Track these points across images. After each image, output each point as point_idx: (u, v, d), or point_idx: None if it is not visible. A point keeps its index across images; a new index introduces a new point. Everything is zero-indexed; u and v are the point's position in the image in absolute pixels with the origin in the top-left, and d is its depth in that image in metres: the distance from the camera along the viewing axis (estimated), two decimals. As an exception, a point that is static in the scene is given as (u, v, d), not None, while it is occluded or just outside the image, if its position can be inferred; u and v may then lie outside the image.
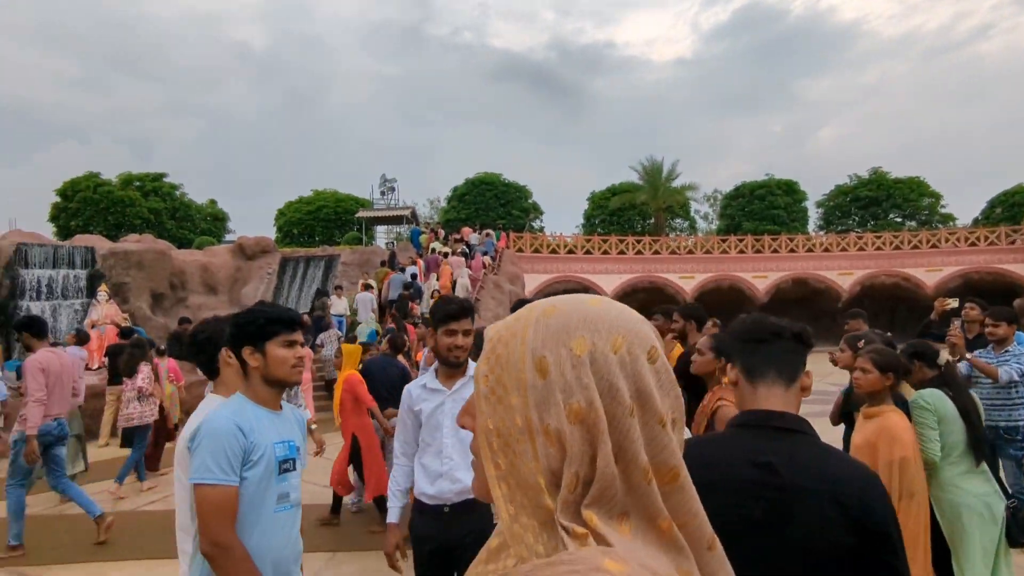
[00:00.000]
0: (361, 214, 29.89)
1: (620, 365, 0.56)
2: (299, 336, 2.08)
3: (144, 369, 7.06)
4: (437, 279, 15.83)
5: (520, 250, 26.54)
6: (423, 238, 21.39)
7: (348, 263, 20.45)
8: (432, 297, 13.65)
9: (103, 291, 14.32)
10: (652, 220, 37.47)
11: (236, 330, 2.04)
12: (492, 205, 37.59)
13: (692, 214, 41.89)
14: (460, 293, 15.97)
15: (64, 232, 31.93)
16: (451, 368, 2.63)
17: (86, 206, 34.24)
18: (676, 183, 35.75)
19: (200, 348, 2.49)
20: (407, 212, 29.29)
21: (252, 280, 20.12)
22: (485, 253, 19.73)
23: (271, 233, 38.10)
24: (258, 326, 2.01)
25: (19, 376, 7.39)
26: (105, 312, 13.62)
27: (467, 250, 19.21)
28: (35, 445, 4.83)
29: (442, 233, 22.84)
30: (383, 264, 18.10)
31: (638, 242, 29.28)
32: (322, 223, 38.08)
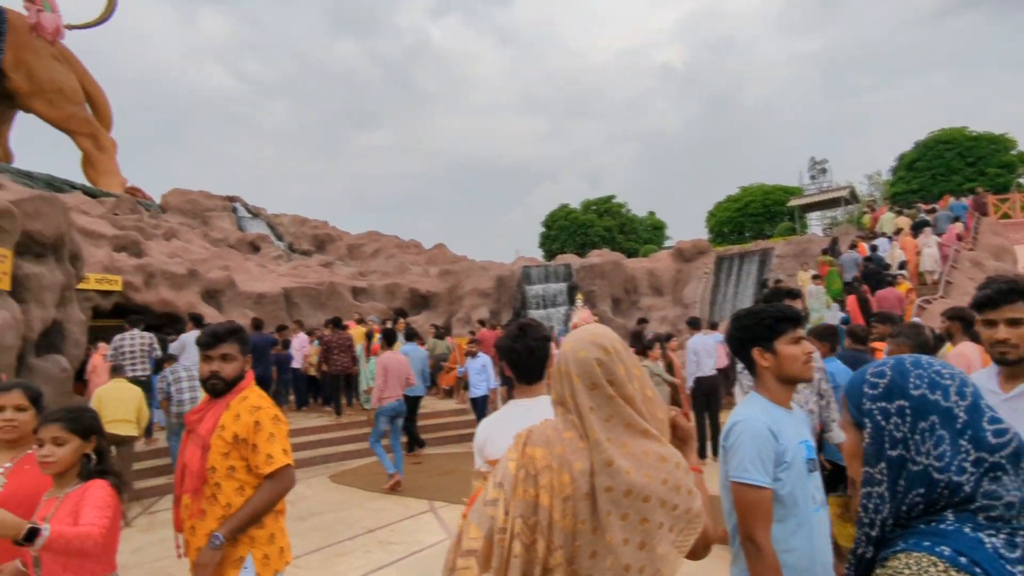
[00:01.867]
0: (792, 202, 27.99)
1: None
2: (802, 331, 1.95)
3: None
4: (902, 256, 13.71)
5: (1006, 216, 20.65)
6: (866, 219, 18.73)
7: (783, 255, 19.35)
8: (899, 277, 11.80)
9: (580, 299, 16.91)
10: None
11: (742, 332, 1.96)
12: (956, 167, 30.13)
13: None
14: (929, 268, 13.55)
15: (549, 254, 38.77)
16: (1008, 367, 2.01)
17: (561, 232, 40.96)
18: None
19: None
20: (844, 192, 26.16)
21: (691, 281, 20.84)
22: (956, 219, 16.11)
23: (703, 234, 38.87)
24: (765, 325, 1.92)
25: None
26: (582, 316, 16.03)
27: (927, 220, 16.08)
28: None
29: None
30: (824, 252, 16.53)
31: None
32: (750, 218, 37.04)
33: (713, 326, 9.19)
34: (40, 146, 23.96)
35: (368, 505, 6.34)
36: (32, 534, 1.73)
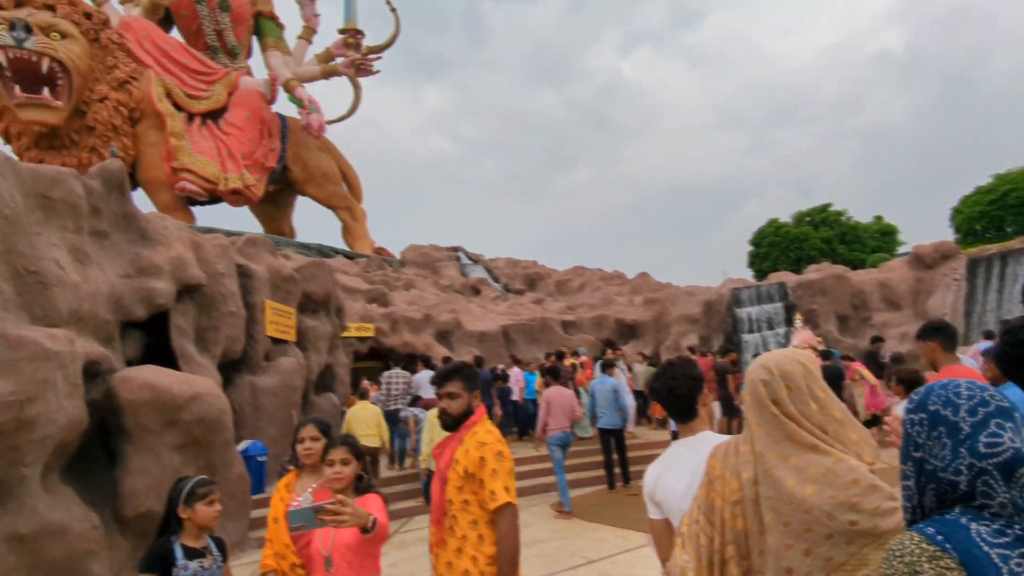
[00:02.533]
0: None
1: None
2: None
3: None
4: None
5: None
6: None
7: (1064, 251, 15.56)
8: None
9: (799, 319, 15.36)
10: None
11: (1019, 348, 1.69)
12: None
13: None
14: None
15: (759, 274, 35.96)
16: None
17: (772, 248, 37.79)
18: None
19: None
20: None
21: (936, 290, 17.73)
22: None
23: (948, 235, 32.86)
24: None
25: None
26: (803, 338, 14.51)
27: None
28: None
29: None
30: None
31: None
32: (1011, 210, 30.44)
33: (988, 335, 7.67)
34: (311, 221, 29.00)
35: (588, 535, 6.38)
36: (373, 523, 2.16)
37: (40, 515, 3.71)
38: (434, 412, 6.77)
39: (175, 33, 20.31)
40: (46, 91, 14.14)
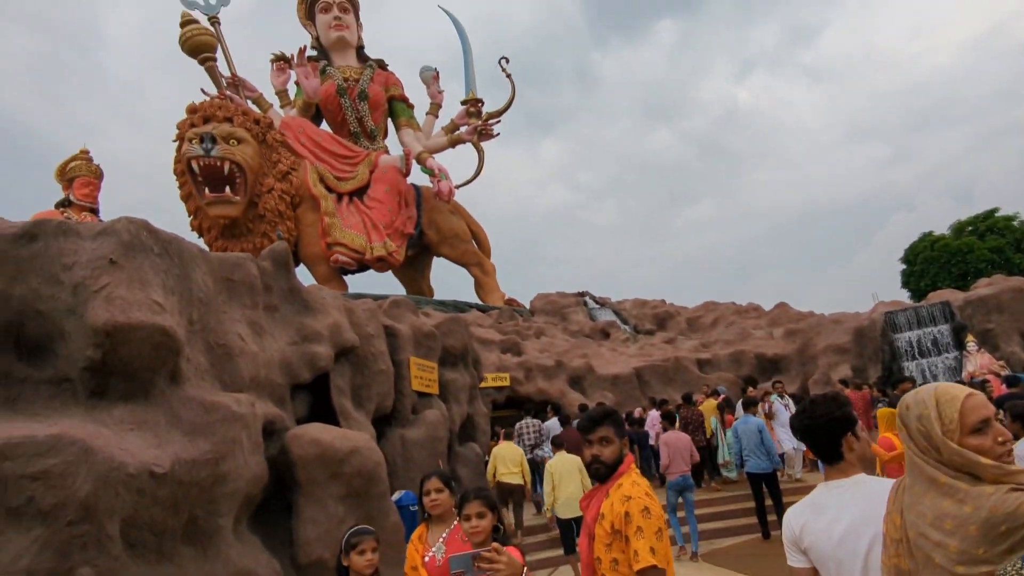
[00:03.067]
0: None
1: None
2: None
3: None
4: None
5: None
6: None
7: None
8: None
9: (971, 341, 13.38)
10: None
11: None
12: None
13: None
14: None
15: (916, 294, 32.03)
16: None
17: (928, 265, 33.59)
18: None
19: None
20: None
21: None
22: None
23: None
24: None
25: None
26: (980, 363, 12.60)
27: None
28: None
29: None
30: None
31: None
32: None
33: None
34: (446, 279, 30.56)
35: (745, 589, 5.86)
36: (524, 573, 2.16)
37: (233, 561, 4.13)
38: (554, 461, 6.73)
39: (324, 125, 22.90)
40: (227, 189, 16.47)
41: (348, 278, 20.58)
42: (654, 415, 11.50)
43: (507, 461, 7.99)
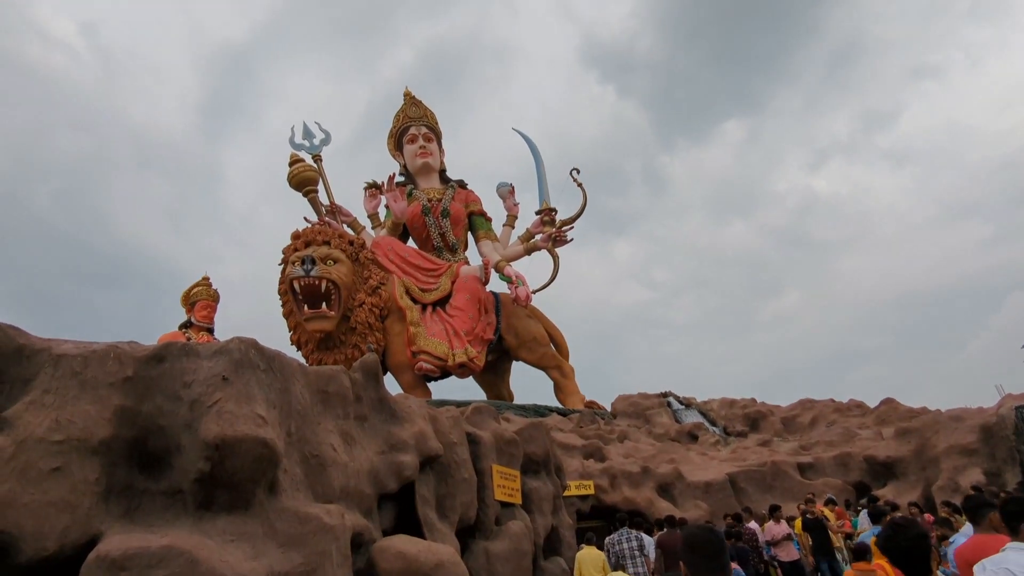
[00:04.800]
0: None
1: None
2: None
3: None
4: None
5: None
6: None
7: None
8: None
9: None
10: None
11: None
12: None
13: None
14: None
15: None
16: None
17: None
18: None
19: None
20: None
21: None
22: None
23: None
24: None
25: None
26: None
27: None
28: None
29: None
30: None
31: None
32: None
33: None
34: (526, 383, 30.46)
35: None
36: None
37: None
38: (582, 553, 6.74)
39: (411, 242, 24.52)
40: (324, 305, 17.68)
41: (431, 384, 20.98)
42: (756, 526, 10.52)
43: (591, 566, 8.11)
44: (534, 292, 23.22)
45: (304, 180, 21.76)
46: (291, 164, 21.75)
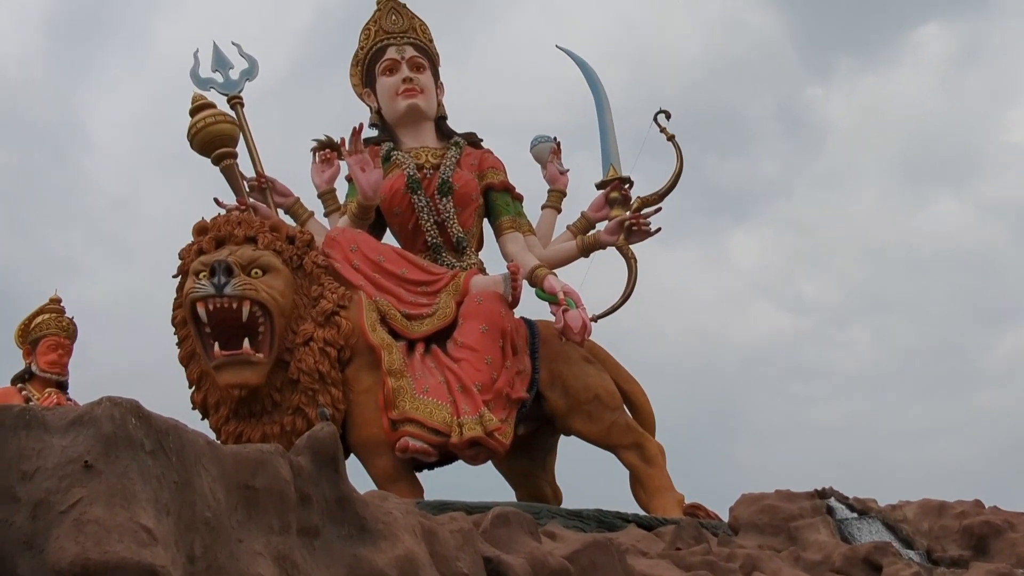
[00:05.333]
0: None
1: None
2: None
3: None
4: None
5: None
6: None
7: None
8: None
9: None
10: None
11: None
12: None
13: None
14: None
15: None
16: None
17: None
18: None
19: None
20: None
21: None
22: None
23: None
24: None
25: None
26: None
27: None
28: None
29: None
30: None
31: None
32: None
33: None
34: (583, 471, 30.17)
35: None
36: None
37: None
38: None
39: (389, 236, 24.68)
40: (246, 343, 17.93)
41: (424, 475, 20.96)
42: None
43: None
44: (595, 319, 23.09)
45: (214, 137, 21.86)
46: (194, 112, 22.03)
